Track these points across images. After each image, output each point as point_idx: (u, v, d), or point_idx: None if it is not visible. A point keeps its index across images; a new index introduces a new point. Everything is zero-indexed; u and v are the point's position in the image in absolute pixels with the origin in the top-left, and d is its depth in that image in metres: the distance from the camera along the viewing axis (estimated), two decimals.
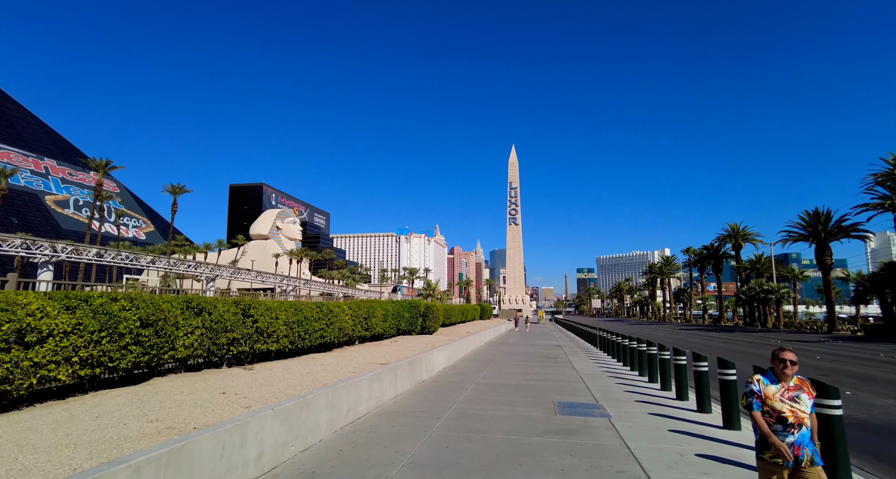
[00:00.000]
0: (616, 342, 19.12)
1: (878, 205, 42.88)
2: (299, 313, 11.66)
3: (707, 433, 7.63)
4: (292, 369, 9.73)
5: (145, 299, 6.97)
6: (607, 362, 18.55)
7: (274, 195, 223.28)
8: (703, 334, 45.35)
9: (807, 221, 51.21)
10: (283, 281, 76.13)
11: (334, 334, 13.71)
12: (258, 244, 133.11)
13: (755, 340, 36.78)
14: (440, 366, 15.16)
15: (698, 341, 34.75)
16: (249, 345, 9.73)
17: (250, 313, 9.71)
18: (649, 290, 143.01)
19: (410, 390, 11.14)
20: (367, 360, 11.98)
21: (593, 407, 9.56)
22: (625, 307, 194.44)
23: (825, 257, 49.19)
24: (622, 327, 67.73)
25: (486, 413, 8.72)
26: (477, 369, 15.41)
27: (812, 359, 21.49)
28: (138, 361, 6.92)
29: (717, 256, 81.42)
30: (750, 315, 67.43)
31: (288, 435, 5.95)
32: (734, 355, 23.18)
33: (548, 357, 19.99)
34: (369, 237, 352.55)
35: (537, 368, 16.20)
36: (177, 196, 66.64)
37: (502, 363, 17.35)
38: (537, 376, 14.02)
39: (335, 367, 10.30)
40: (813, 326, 57.34)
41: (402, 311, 21.11)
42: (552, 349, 24.20)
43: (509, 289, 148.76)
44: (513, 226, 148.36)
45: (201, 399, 6.57)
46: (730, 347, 29.46)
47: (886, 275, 38.76)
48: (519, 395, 10.81)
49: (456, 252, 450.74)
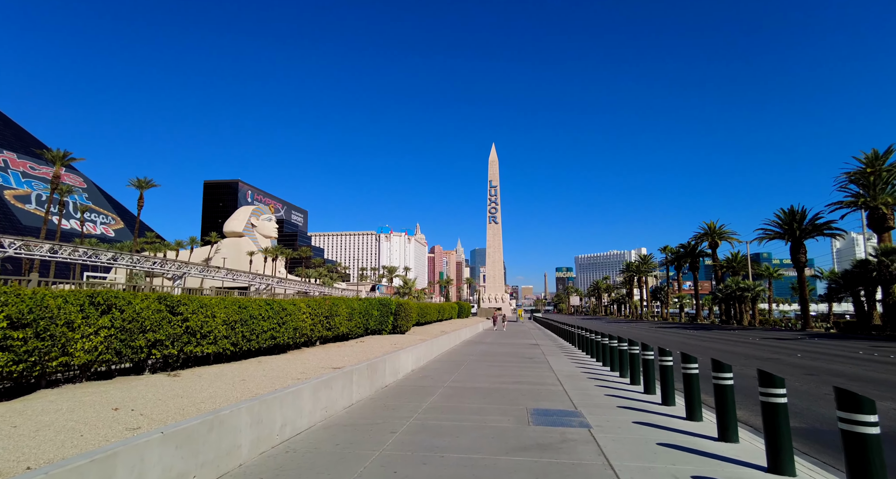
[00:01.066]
0: (595, 341, 18.21)
1: (850, 202, 43.29)
2: (243, 312, 10.32)
3: (701, 446, 6.62)
4: (227, 375, 8.41)
5: (20, 294, 5.60)
6: (586, 361, 17.62)
7: (250, 192, 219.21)
8: (681, 332, 45.12)
9: (782, 219, 51.54)
10: (256, 279, 73.84)
11: (288, 335, 12.38)
12: (232, 242, 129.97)
13: (734, 338, 36.53)
14: (408, 368, 13.98)
15: (677, 339, 34.30)
16: (178, 348, 8.37)
17: (179, 310, 8.35)
18: (627, 288, 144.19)
19: (369, 397, 9.94)
20: (322, 363, 10.71)
21: (572, 415, 8.50)
22: (602, 306, 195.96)
23: (800, 254, 49.60)
24: (600, 325, 67.51)
25: (450, 425, 7.57)
26: (448, 371, 14.27)
27: (793, 357, 20.96)
28: (8, 370, 5.53)
29: (693, 254, 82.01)
30: (726, 313, 67.92)
31: (188, 464, 4.68)
32: (721, 355, 22.56)
33: (524, 357, 18.99)
34: (348, 236, 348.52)
35: (513, 369, 15.15)
36: (143, 190, 63.85)
37: (476, 364, 16.26)
38: (512, 379, 12.94)
39: (280, 373, 9.00)
40: (787, 323, 57.95)
41: (371, 309, 19.81)
42: (529, 348, 23.24)
43: (489, 287, 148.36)
44: (493, 224, 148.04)
45: (78, 420, 5.22)
46: (713, 346, 28.96)
47: (859, 272, 38.95)
48: (490, 401, 9.70)
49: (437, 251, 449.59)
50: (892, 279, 38.01)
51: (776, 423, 5.47)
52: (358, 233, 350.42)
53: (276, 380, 8.15)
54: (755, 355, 22.14)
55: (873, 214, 40.55)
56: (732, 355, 21.76)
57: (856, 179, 41.63)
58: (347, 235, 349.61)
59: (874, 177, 40.56)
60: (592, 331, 19.68)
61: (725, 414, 6.95)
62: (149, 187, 64.13)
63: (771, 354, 22.62)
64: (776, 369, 16.34)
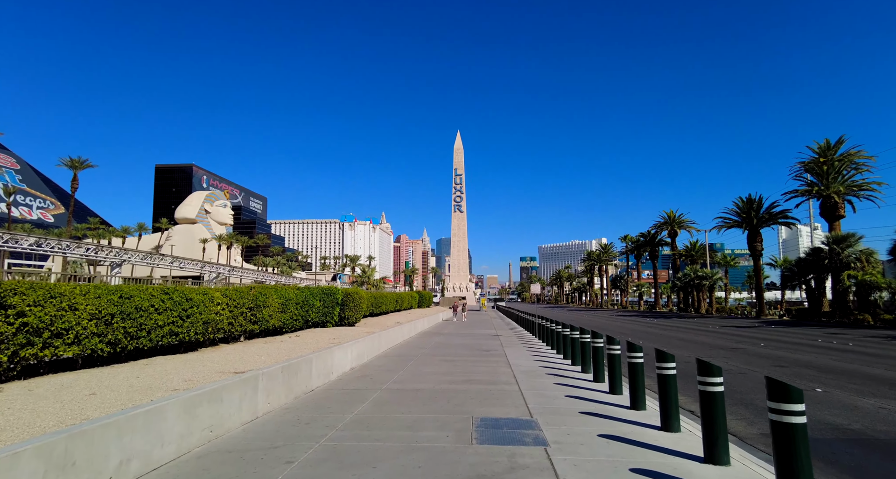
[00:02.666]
0: (556, 332, 16.91)
1: (805, 191, 43.96)
2: (125, 302, 8.24)
3: (684, 470, 5.17)
4: (77, 386, 6.40)
5: None
6: (546, 354, 16.30)
7: (205, 177, 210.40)
8: (641, 321, 45.05)
9: (741, 207, 52.15)
10: (207, 268, 69.90)
11: (196, 330, 10.34)
12: (184, 229, 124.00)
13: (694, 326, 36.43)
14: (346, 367, 12.20)
15: (639, 329, 33.82)
16: (10, 352, 6.30)
17: (10, 302, 6.28)
18: (587, 277, 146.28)
19: (284, 407, 8.13)
20: (226, 366, 8.78)
21: (526, 426, 6.97)
22: (564, 294, 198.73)
23: (756, 242, 50.35)
24: (561, 313, 67.41)
25: (370, 447, 5.88)
26: (392, 369, 12.57)
27: (756, 346, 20.37)
28: None
29: (653, 243, 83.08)
30: (684, 301, 68.99)
31: None
32: (686, 346, 21.78)
33: (481, 350, 17.53)
34: (311, 224, 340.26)
35: (465, 364, 13.60)
36: (77, 171, 58.83)
37: (425, 360, 14.63)
38: (462, 377, 11.37)
39: (156, 381, 7.04)
40: (742, 311, 59.26)
41: (312, 299, 17.78)
42: (488, 340, 21.85)
43: (453, 276, 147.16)
44: (458, 213, 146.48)
45: None
46: (676, 335, 28.41)
47: (812, 260, 39.62)
48: (430, 408, 8.07)
49: (402, 240, 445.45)
50: (842, 266, 38.77)
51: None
52: (320, 221, 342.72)
53: (143, 392, 6.22)
54: (720, 345, 21.47)
55: (825, 202, 41.25)
56: (697, 346, 21.02)
57: (810, 168, 42.22)
58: (309, 223, 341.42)
59: (827, 166, 41.20)
60: (553, 321, 18.43)
61: (713, 426, 5.52)
62: (84, 168, 59.14)
63: (734, 343, 22.03)
64: (744, 361, 15.45)
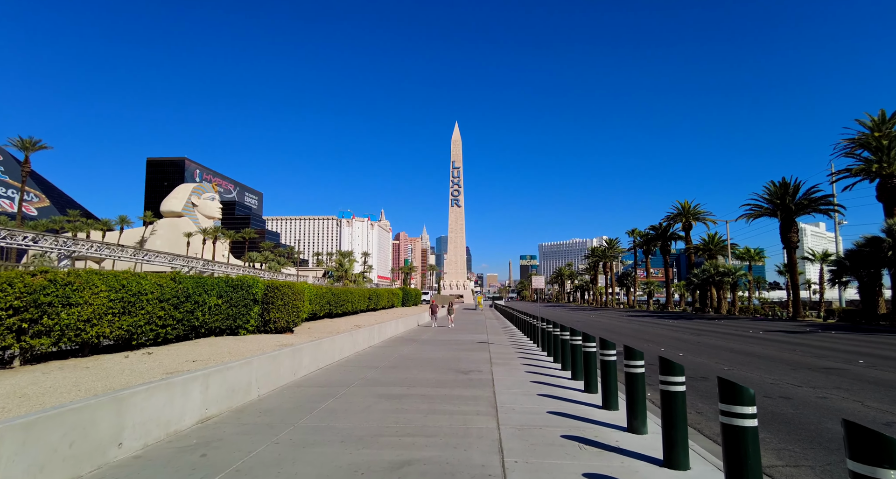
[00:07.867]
0: (566, 341, 10.82)
1: (860, 169, 36.77)
2: None
3: None
4: None
5: None
6: (553, 376, 10.17)
7: (198, 171, 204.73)
8: (660, 323, 38.87)
9: (772, 192, 45.67)
10: (177, 262, 64.01)
11: None
12: (170, 222, 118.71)
13: (730, 330, 30.25)
14: (159, 433, 6.13)
15: (665, 333, 27.57)
16: None
17: None
18: (591, 274, 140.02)
19: None
20: None
21: None
22: (565, 293, 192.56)
23: (791, 233, 43.90)
24: (565, 313, 61.17)
25: None
26: (261, 432, 6.46)
27: (855, 365, 14.25)
28: None
29: (665, 236, 76.72)
30: (701, 300, 62.49)
31: None
32: (748, 362, 15.58)
33: (458, 372, 11.43)
34: (308, 220, 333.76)
35: (419, 408, 7.50)
36: (28, 153, 52.78)
37: (350, 400, 8.46)
38: (392, 454, 5.24)
39: None
40: (772, 312, 52.78)
41: (204, 294, 11.66)
42: (473, 352, 15.76)
43: (450, 273, 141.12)
44: (455, 208, 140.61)
45: None
46: (715, 343, 22.21)
47: (869, 252, 33.01)
48: None
49: (401, 238, 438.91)
50: None
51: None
52: (318, 217, 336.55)
53: None
54: (797, 361, 15.33)
55: (884, 183, 34.78)
56: (766, 362, 14.87)
57: (865, 143, 35.67)
58: (306, 220, 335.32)
59: (887, 141, 34.46)
60: (560, 325, 12.39)
61: None
62: (36, 150, 53.11)
63: (812, 358, 15.91)
64: (867, 394, 9.16)
